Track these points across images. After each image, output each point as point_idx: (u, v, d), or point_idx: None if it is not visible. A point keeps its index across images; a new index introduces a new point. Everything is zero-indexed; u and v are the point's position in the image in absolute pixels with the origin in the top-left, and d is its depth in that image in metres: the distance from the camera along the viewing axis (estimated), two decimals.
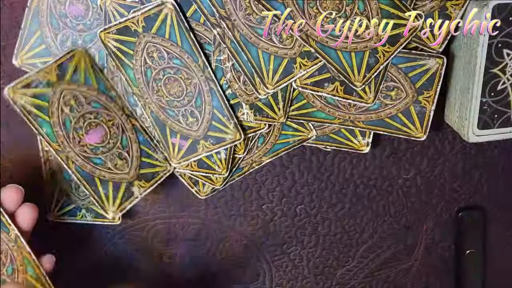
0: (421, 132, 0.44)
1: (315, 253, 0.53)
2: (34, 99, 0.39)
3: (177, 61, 0.42)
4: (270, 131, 0.46)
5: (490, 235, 0.54)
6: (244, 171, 0.47)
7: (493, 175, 0.51)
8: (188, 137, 0.44)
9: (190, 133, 0.44)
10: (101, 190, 0.43)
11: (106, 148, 0.42)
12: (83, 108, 0.41)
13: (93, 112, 0.41)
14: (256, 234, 0.52)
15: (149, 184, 0.44)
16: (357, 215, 0.52)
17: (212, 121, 0.43)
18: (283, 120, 0.44)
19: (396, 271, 0.55)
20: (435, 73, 0.43)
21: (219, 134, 0.44)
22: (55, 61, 0.40)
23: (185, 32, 0.41)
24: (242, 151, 0.46)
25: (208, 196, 0.48)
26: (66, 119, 0.41)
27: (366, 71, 0.41)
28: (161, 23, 0.41)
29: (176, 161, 0.45)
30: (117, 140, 0.42)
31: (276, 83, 0.42)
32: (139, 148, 0.43)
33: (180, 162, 0.45)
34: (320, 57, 0.41)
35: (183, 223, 0.51)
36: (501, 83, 0.42)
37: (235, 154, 0.46)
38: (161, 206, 0.51)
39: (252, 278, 0.54)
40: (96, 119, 0.41)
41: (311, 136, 0.46)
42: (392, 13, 0.40)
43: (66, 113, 0.41)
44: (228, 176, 0.46)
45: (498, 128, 0.44)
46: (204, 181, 0.47)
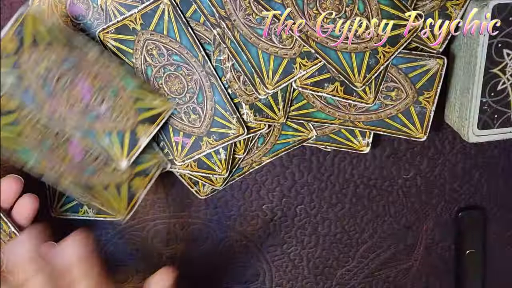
0: (421, 132, 0.44)
1: (315, 253, 0.53)
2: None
3: (176, 57, 0.42)
4: (270, 131, 0.46)
5: (490, 235, 0.54)
6: (244, 171, 0.47)
7: (493, 175, 0.51)
8: (191, 135, 0.44)
9: (193, 130, 0.44)
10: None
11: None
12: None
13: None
14: (256, 234, 0.52)
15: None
16: (357, 215, 0.52)
17: (215, 116, 0.43)
18: (283, 120, 0.44)
19: (396, 271, 0.55)
20: (436, 74, 0.43)
21: (222, 130, 0.44)
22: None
23: (183, 27, 0.41)
24: (242, 152, 0.46)
25: (208, 196, 0.48)
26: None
27: (366, 71, 0.41)
28: (158, 19, 0.41)
29: (180, 159, 0.45)
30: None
31: (276, 83, 0.42)
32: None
33: (184, 160, 0.45)
34: (320, 58, 0.41)
35: (183, 223, 0.52)
36: (501, 83, 0.42)
37: (235, 154, 0.46)
38: (161, 206, 0.51)
39: (252, 278, 0.54)
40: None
41: (311, 136, 0.46)
42: (392, 14, 0.40)
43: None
44: (228, 176, 0.46)
45: (498, 128, 0.44)
46: (204, 181, 0.47)
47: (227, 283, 0.55)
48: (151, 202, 0.50)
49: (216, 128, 0.44)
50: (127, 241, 0.52)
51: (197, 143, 0.44)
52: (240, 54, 0.41)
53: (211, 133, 0.44)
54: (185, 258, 0.53)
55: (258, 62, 0.41)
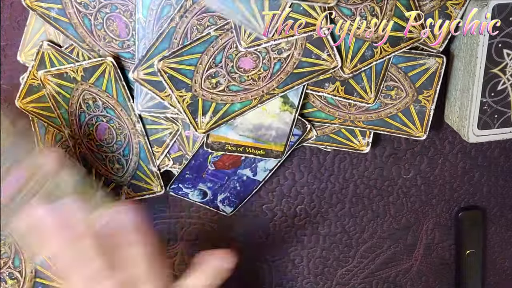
0: (421, 131, 0.44)
1: (315, 253, 0.53)
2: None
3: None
4: None
5: (490, 235, 0.54)
6: None
7: (493, 175, 0.51)
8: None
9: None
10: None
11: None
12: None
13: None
14: (256, 234, 0.52)
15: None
16: (357, 215, 0.52)
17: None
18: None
19: (396, 271, 0.55)
20: (435, 72, 0.43)
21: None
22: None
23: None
24: None
25: None
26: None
27: (359, 61, 0.41)
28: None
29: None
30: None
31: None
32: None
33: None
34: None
35: (183, 223, 0.51)
36: (501, 83, 0.42)
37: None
38: (161, 206, 0.51)
39: (252, 278, 0.54)
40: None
41: (311, 136, 0.46)
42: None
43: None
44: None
45: (498, 128, 0.44)
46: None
47: (227, 283, 0.55)
48: (151, 202, 0.50)
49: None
50: None
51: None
52: None
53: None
54: (185, 258, 0.53)
55: None
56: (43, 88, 0.43)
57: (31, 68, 0.43)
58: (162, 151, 0.46)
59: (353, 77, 0.43)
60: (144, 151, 0.45)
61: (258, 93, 0.42)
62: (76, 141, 0.45)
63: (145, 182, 0.46)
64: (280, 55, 0.41)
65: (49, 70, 0.43)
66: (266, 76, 0.42)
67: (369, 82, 0.43)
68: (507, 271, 0.57)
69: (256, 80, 0.42)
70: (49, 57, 0.43)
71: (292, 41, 0.41)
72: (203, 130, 0.43)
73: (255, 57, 0.41)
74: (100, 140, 0.45)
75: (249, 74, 0.42)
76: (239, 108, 0.42)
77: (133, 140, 0.45)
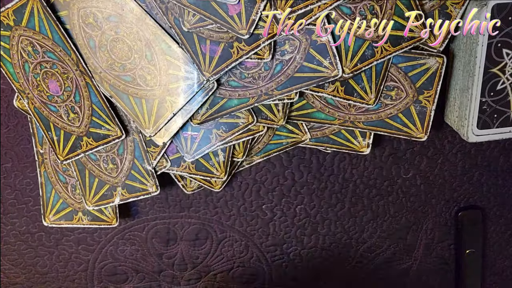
0: (422, 132, 0.44)
1: (315, 253, 0.53)
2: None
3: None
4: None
5: (489, 235, 0.55)
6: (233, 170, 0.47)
7: (493, 175, 0.51)
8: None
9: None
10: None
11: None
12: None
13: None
14: (256, 234, 0.52)
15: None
16: (357, 215, 0.52)
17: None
18: (282, 122, 0.44)
19: (396, 271, 0.55)
20: (435, 72, 0.43)
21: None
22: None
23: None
24: (241, 155, 0.45)
25: (194, 192, 0.48)
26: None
27: (359, 60, 0.41)
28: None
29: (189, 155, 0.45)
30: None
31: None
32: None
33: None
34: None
35: (183, 223, 0.51)
36: (500, 83, 0.42)
37: (234, 157, 0.45)
38: (161, 206, 0.51)
39: (252, 278, 0.54)
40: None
41: (305, 139, 0.46)
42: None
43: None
44: (226, 180, 0.46)
45: (498, 128, 0.44)
46: (203, 184, 0.47)
47: (227, 283, 0.55)
48: (151, 202, 0.50)
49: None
50: (127, 241, 0.52)
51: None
52: None
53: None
54: (185, 258, 0.53)
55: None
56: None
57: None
58: (159, 151, 0.45)
59: (353, 78, 0.43)
60: (139, 149, 0.44)
61: (256, 92, 0.42)
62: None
63: (140, 182, 0.45)
64: (283, 57, 0.41)
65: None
66: (266, 76, 0.41)
67: (369, 82, 0.43)
68: (507, 270, 0.57)
69: (256, 79, 0.42)
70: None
71: (296, 44, 0.40)
72: (198, 121, 0.42)
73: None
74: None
75: (250, 72, 0.42)
76: (236, 105, 0.42)
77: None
